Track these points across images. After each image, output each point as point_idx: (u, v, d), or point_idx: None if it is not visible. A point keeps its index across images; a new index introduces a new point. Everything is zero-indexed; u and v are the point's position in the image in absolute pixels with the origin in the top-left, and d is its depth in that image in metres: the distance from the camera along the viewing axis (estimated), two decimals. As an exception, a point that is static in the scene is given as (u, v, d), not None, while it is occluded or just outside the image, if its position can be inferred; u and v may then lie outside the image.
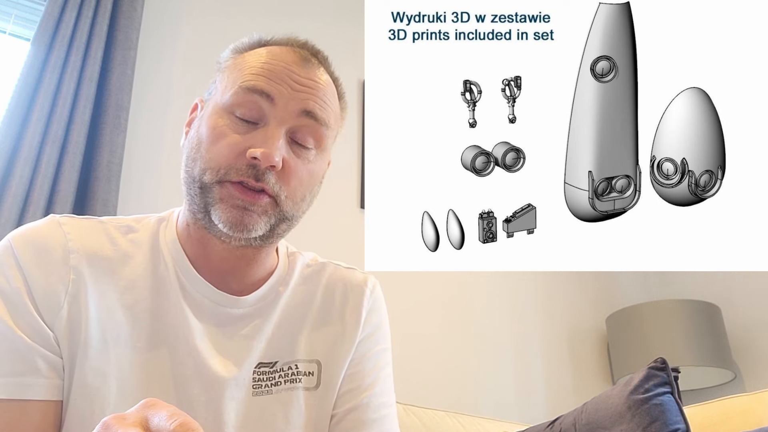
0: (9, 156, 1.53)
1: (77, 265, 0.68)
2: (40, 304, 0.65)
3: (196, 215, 0.70)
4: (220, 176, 0.67)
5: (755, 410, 1.42)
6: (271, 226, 0.69)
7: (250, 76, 0.69)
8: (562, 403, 2.15)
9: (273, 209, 0.68)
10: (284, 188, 0.68)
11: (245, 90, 0.69)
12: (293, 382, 0.73)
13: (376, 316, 0.82)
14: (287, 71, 0.70)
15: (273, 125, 0.68)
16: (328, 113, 0.72)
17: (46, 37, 1.66)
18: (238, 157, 0.67)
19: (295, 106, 0.69)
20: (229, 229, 0.67)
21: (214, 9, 2.12)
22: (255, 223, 0.67)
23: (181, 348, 0.70)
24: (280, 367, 0.74)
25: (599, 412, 1.28)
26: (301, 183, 0.70)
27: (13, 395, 0.61)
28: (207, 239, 0.71)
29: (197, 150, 0.69)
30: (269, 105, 0.68)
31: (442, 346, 2.06)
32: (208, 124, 0.70)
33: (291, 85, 0.69)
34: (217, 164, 0.67)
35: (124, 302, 0.69)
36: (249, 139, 0.67)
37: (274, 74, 0.69)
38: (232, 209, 0.66)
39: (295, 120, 0.69)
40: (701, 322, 2.17)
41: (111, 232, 0.73)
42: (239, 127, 0.68)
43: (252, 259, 0.74)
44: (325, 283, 0.81)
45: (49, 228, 0.70)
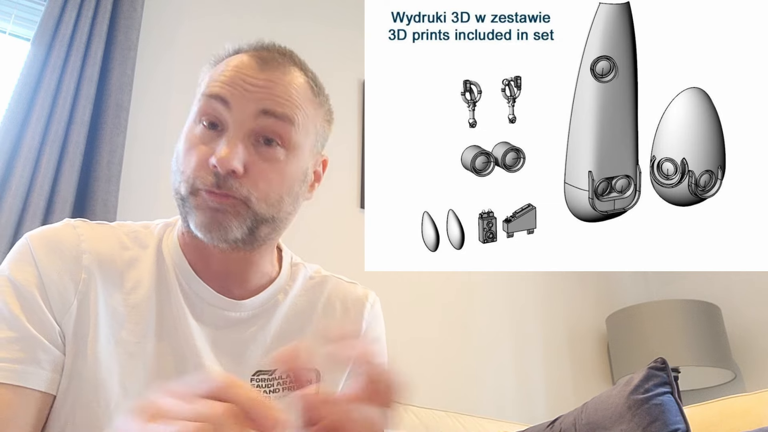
0: (9, 156, 1.53)
1: (89, 265, 0.70)
2: (51, 299, 0.67)
3: (184, 225, 0.72)
4: (191, 187, 0.69)
5: (755, 410, 1.42)
6: (249, 228, 0.70)
7: (211, 85, 0.72)
8: (562, 403, 2.15)
9: (245, 211, 0.69)
10: (252, 191, 0.69)
11: (206, 97, 0.71)
12: (291, 390, 0.74)
13: (375, 331, 0.84)
14: (242, 75, 0.71)
15: (232, 130, 0.69)
16: (290, 109, 0.72)
17: (46, 37, 1.66)
18: (203, 167, 0.68)
19: (251, 108, 0.70)
20: (205, 232, 0.68)
21: (213, 9, 2.12)
22: (228, 222, 0.68)
23: (182, 347, 0.71)
24: (279, 375, 0.75)
25: (599, 412, 1.28)
26: (270, 184, 0.70)
27: (13, 381, 0.63)
28: (203, 247, 0.73)
29: (176, 163, 0.72)
30: (226, 110, 0.70)
31: (442, 346, 2.06)
32: (183, 138, 0.72)
33: (245, 88, 0.70)
34: (187, 176, 0.69)
35: (129, 302, 0.71)
36: (212, 148, 0.69)
37: (229, 80, 0.71)
38: (204, 212, 0.68)
39: (254, 121, 0.70)
40: (701, 322, 2.17)
41: (122, 238, 0.75)
42: (205, 136, 0.70)
43: (249, 262, 0.75)
44: (326, 296, 0.82)
45: (64, 229, 0.73)
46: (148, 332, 0.71)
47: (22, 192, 1.50)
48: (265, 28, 2.11)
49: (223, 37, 2.14)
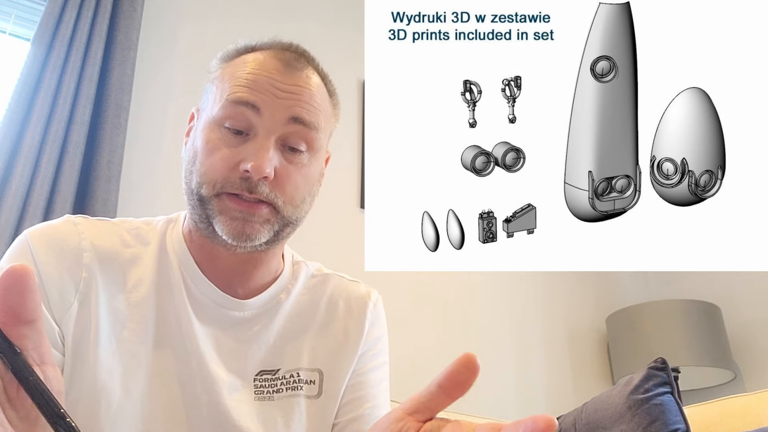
0: (9, 156, 1.53)
1: (90, 263, 0.69)
2: (51, 300, 0.66)
3: (199, 225, 0.71)
4: (216, 190, 0.68)
5: (755, 410, 1.42)
6: (276, 232, 0.71)
7: (235, 88, 0.70)
8: (562, 403, 2.15)
9: (274, 217, 0.70)
10: (280, 195, 0.69)
11: (232, 103, 0.70)
12: (295, 389, 0.74)
13: (378, 330, 0.84)
14: (270, 80, 0.70)
15: (262, 136, 0.69)
16: (316, 116, 0.72)
17: (46, 37, 1.66)
18: (231, 170, 0.68)
19: (282, 115, 0.70)
20: (233, 240, 0.68)
21: (213, 9, 2.12)
22: (257, 232, 0.68)
23: (185, 347, 0.71)
24: (282, 375, 0.75)
25: (599, 412, 1.28)
26: (297, 188, 0.71)
27: None
28: (211, 246, 0.73)
29: (193, 163, 0.71)
30: (256, 116, 0.69)
31: (442, 346, 2.06)
32: (202, 138, 0.71)
33: (276, 94, 0.70)
34: (212, 178, 0.68)
35: (131, 300, 0.70)
36: (240, 151, 0.68)
37: (257, 84, 0.70)
38: (232, 221, 0.68)
39: (284, 128, 0.70)
40: (701, 322, 2.17)
41: (123, 235, 0.74)
42: (230, 139, 0.69)
43: (259, 262, 0.75)
44: (329, 294, 0.82)
45: (64, 227, 0.72)
46: (150, 331, 0.70)
47: (22, 192, 1.50)
48: (266, 27, 2.11)
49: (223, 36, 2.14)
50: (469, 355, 0.43)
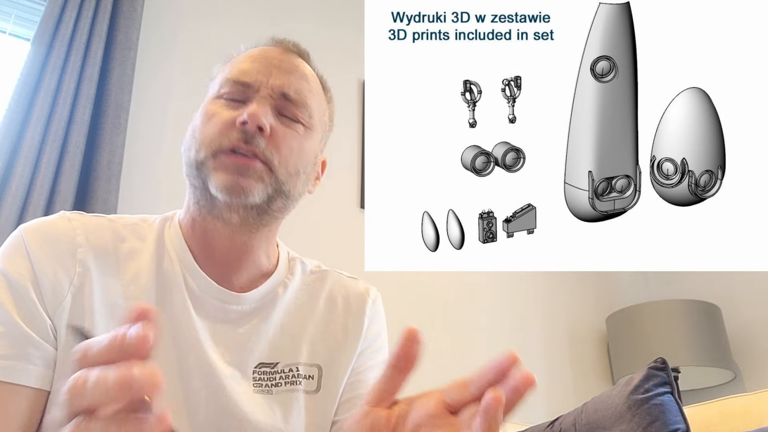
0: (9, 156, 1.53)
1: (84, 259, 0.70)
2: (44, 294, 0.66)
3: (199, 200, 0.72)
4: (213, 148, 0.70)
5: (755, 410, 1.42)
6: (268, 196, 0.71)
7: (233, 70, 0.76)
8: (562, 403, 2.15)
9: (268, 177, 0.71)
10: (275, 154, 0.71)
11: (229, 81, 0.74)
12: (293, 384, 0.75)
13: (377, 327, 0.84)
14: (267, 60, 0.76)
15: (258, 98, 0.73)
16: (307, 96, 0.76)
17: (46, 37, 1.66)
18: (228, 128, 0.70)
19: (276, 90, 0.74)
20: (226, 194, 0.69)
21: (213, 9, 2.12)
22: (251, 187, 0.69)
23: (184, 340, 0.71)
24: (281, 369, 0.75)
25: (599, 412, 1.28)
26: (292, 151, 0.73)
27: (4, 377, 0.62)
28: (210, 229, 0.73)
29: (192, 136, 0.74)
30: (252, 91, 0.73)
31: (442, 346, 2.06)
32: (200, 112, 0.75)
33: (271, 72, 0.75)
34: (209, 139, 0.71)
35: (128, 294, 0.70)
36: (238, 112, 0.71)
37: (254, 65, 0.75)
38: (227, 175, 0.69)
39: (278, 99, 0.74)
40: (701, 322, 2.17)
41: (119, 230, 0.75)
42: (227, 106, 0.73)
43: (248, 248, 0.76)
44: (327, 291, 0.82)
45: (59, 222, 0.72)
46: None
47: (22, 192, 1.50)
48: (266, 27, 2.11)
49: (223, 37, 2.14)
50: (411, 329, 0.48)
